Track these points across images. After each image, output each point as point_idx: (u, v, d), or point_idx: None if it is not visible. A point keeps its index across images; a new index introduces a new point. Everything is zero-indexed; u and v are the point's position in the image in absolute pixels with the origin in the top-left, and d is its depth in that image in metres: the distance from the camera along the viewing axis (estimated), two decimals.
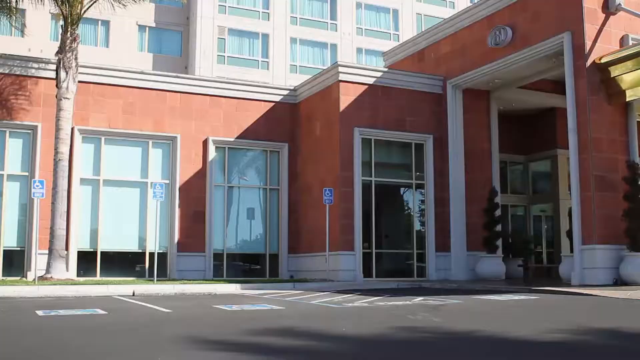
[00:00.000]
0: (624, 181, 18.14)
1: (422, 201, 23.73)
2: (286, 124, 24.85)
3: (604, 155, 18.38)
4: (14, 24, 22.67)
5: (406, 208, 24.52)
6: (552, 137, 26.19)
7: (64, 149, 19.97)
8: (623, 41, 18.99)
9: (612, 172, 18.37)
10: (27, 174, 21.10)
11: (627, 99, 18.41)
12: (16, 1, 21.05)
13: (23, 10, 21.81)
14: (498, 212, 22.89)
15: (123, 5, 22.04)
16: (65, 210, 19.93)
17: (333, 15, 46.24)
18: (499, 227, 22.80)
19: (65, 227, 19.85)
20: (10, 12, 21.27)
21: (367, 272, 22.12)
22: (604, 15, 18.92)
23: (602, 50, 18.67)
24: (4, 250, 20.79)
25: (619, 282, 17.54)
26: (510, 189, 27.50)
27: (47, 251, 19.45)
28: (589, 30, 18.67)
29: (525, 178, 28.14)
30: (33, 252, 19.18)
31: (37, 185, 18.22)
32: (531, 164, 27.91)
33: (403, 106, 23.40)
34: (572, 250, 18.79)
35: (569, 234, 19.28)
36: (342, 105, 22.38)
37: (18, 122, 21.02)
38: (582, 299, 14.21)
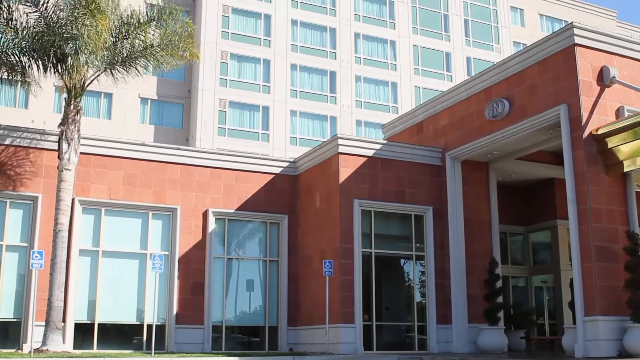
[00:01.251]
0: (625, 251, 18.08)
1: (423, 272, 23.60)
2: (286, 195, 24.92)
3: (603, 225, 18.38)
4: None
5: (406, 279, 24.37)
6: (552, 208, 26.22)
7: (64, 219, 19.99)
8: (619, 113, 19.23)
9: (612, 242, 18.33)
10: (26, 244, 21.04)
11: (625, 170, 18.52)
12: (23, 74, 21.38)
13: (27, 82, 22.11)
14: (499, 284, 22.73)
15: (125, 77, 22.34)
16: (64, 281, 19.80)
17: (333, 88, 46.96)
18: (500, 299, 22.60)
19: (62, 298, 19.68)
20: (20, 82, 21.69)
21: (367, 345, 21.80)
22: (599, 87, 19.22)
23: (599, 121, 18.88)
24: (0, 322, 20.57)
25: (623, 354, 17.28)
26: (511, 259, 27.39)
27: (43, 323, 19.23)
28: (585, 103, 18.92)
29: (526, 249, 28.05)
30: (29, 324, 18.94)
31: (36, 256, 18.14)
32: (531, 235, 27.86)
33: (402, 178, 23.51)
34: (574, 322, 18.59)
35: (571, 305, 19.11)
36: (342, 177, 22.50)
37: (19, 193, 21.09)
38: None
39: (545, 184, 26.37)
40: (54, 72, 20.96)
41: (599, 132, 18.69)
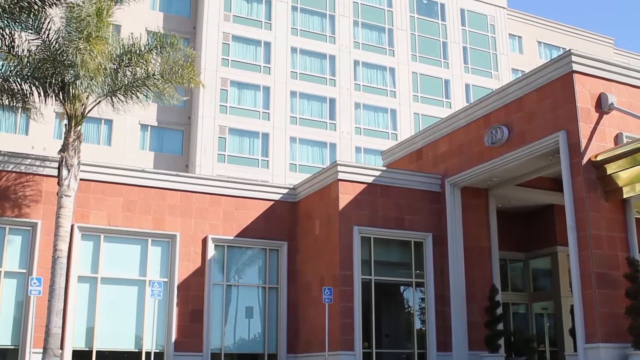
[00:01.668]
0: (625, 278, 18.04)
1: (422, 299, 23.51)
2: (285, 222, 24.89)
3: (604, 252, 18.36)
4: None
5: (406, 306, 24.27)
6: (552, 234, 26.19)
7: (63, 246, 19.92)
8: (617, 139, 19.30)
9: (612, 269, 18.30)
10: (24, 271, 20.97)
11: (624, 196, 18.54)
12: (24, 101, 21.44)
13: (28, 109, 22.18)
14: (499, 310, 22.63)
15: (126, 105, 22.39)
16: (62, 308, 19.67)
17: (332, 115, 47.11)
18: (500, 326, 22.49)
19: (61, 325, 19.54)
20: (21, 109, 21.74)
21: None
22: (598, 114, 19.31)
23: (597, 148, 18.94)
24: None
25: None
26: (511, 286, 27.29)
27: (41, 350, 19.08)
28: (584, 129, 19.00)
29: (526, 276, 27.96)
30: (27, 351, 18.84)
31: (35, 283, 18.08)
32: (531, 262, 27.79)
33: (402, 204, 23.51)
34: (575, 349, 18.50)
35: (572, 332, 19.03)
36: (342, 204, 22.50)
37: (18, 219, 21.07)
38: None
39: (545, 210, 26.36)
40: (55, 100, 21.03)
41: (598, 158, 18.73)
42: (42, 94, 21.08)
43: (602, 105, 19.37)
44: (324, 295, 20.95)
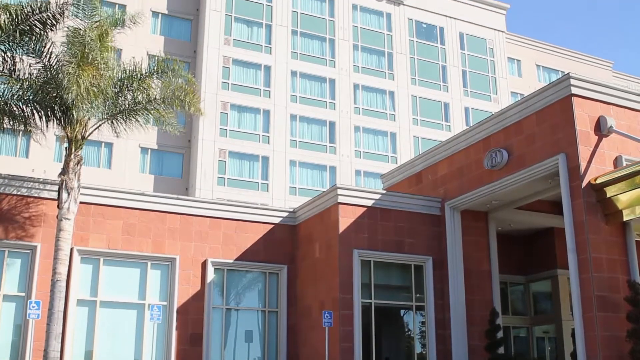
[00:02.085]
0: (626, 301, 17.98)
1: (423, 323, 23.41)
2: (285, 245, 24.86)
3: (604, 275, 18.31)
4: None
5: (407, 330, 24.18)
6: (552, 258, 26.14)
7: (62, 269, 19.86)
8: (617, 162, 19.33)
9: (613, 292, 18.24)
10: (23, 294, 20.90)
11: (624, 219, 18.53)
12: (25, 124, 21.48)
13: (29, 131, 22.20)
14: (500, 334, 22.52)
15: (127, 129, 22.45)
16: (60, 332, 19.57)
17: (332, 138, 47.20)
18: (501, 350, 22.36)
19: (59, 349, 19.42)
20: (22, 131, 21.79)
21: None
22: (597, 137, 19.35)
23: (597, 171, 18.96)
24: None
25: None
26: (512, 310, 27.19)
27: None
28: (583, 152, 19.03)
29: (527, 299, 27.86)
30: None
31: (33, 306, 18.02)
32: (532, 285, 27.70)
33: (402, 228, 23.49)
34: None
35: (573, 355, 18.93)
36: (341, 227, 22.48)
37: (17, 242, 21.03)
38: None
39: (545, 233, 26.33)
40: (57, 123, 21.07)
41: (598, 181, 18.75)
42: (43, 117, 21.12)
43: (601, 128, 19.43)
44: (324, 319, 20.86)
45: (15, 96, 20.71)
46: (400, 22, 52.49)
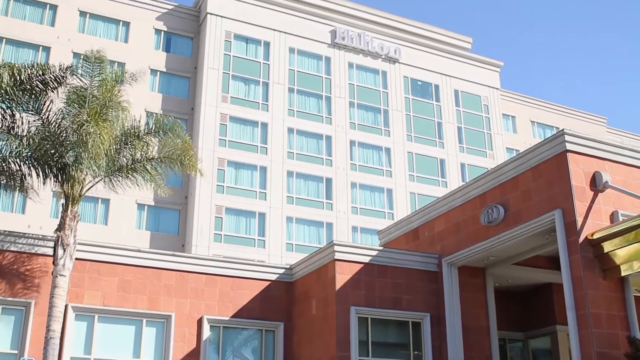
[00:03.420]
0: (627, 357, 17.79)
1: None
2: (282, 302, 24.66)
3: (603, 331, 18.16)
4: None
5: None
6: (551, 313, 25.92)
7: (56, 326, 19.66)
8: (613, 217, 19.35)
9: (613, 348, 18.06)
10: (16, 351, 20.61)
11: (622, 274, 18.47)
12: (22, 181, 21.50)
13: (25, 189, 22.22)
14: None
15: (124, 186, 22.52)
16: None
17: (328, 194, 47.32)
18: None
19: None
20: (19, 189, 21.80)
21: None
22: (593, 192, 19.42)
23: (594, 226, 18.98)
24: None
25: None
26: None
27: None
28: (579, 207, 19.07)
29: (526, 355, 27.51)
30: None
31: None
32: (531, 341, 27.40)
33: (399, 284, 23.36)
34: None
35: None
36: (338, 284, 22.35)
37: (11, 299, 20.81)
38: None
39: (543, 289, 26.17)
40: (54, 181, 21.11)
41: (595, 236, 18.75)
42: (40, 175, 21.17)
43: (596, 184, 19.51)
44: None
45: (14, 154, 20.79)
46: (396, 80, 53.16)
